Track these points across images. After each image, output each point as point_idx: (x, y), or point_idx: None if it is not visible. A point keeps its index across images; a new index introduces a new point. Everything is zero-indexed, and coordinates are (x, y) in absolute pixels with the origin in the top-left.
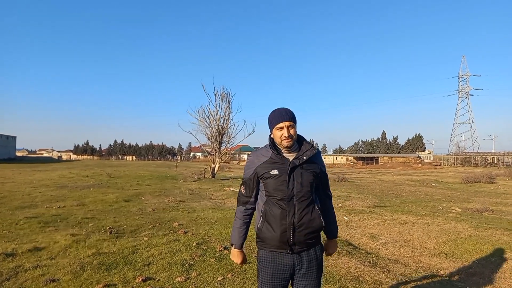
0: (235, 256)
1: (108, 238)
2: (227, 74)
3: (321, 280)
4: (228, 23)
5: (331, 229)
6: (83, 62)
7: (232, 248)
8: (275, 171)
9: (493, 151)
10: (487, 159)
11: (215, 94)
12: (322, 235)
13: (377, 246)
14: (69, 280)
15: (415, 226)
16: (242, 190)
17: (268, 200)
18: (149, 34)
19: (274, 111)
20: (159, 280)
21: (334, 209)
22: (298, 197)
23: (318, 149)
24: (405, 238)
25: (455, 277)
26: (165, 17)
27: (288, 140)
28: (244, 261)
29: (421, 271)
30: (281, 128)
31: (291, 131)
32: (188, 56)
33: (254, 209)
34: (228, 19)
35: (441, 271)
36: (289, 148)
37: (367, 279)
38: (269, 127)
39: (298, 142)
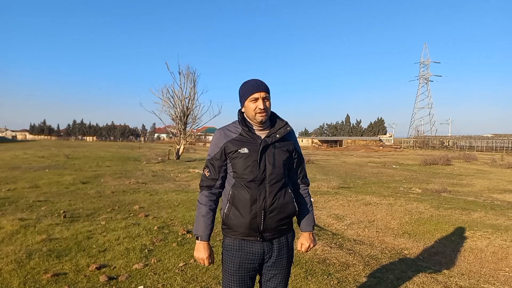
0: (200, 250)
1: (62, 222)
2: (193, 53)
3: (291, 269)
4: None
5: (307, 219)
6: (40, 36)
7: (197, 241)
8: (245, 150)
9: (449, 135)
10: (444, 143)
11: (179, 73)
12: (294, 221)
13: (343, 227)
14: (12, 270)
15: (378, 207)
16: (206, 173)
17: (236, 183)
18: (111, 8)
19: (247, 82)
20: (115, 267)
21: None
22: (269, 179)
23: (291, 127)
24: (370, 219)
25: (419, 256)
26: None
27: (263, 114)
28: (211, 257)
29: (386, 251)
30: (256, 99)
31: (266, 104)
32: (151, 33)
33: (220, 194)
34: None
35: (405, 251)
36: (262, 124)
37: (334, 261)
38: (241, 100)
39: (271, 119)
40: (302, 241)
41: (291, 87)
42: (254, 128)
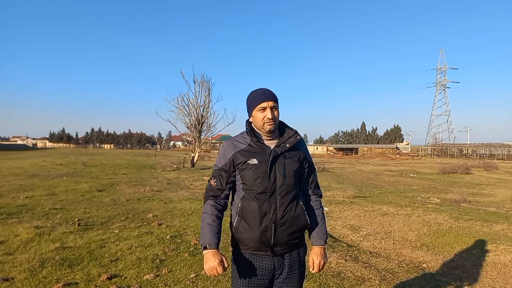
0: (210, 259)
1: (76, 230)
2: (207, 62)
3: (303, 286)
4: (208, 11)
5: (318, 232)
6: (60, 48)
7: (205, 251)
8: (254, 161)
9: (468, 142)
10: (462, 150)
11: (194, 82)
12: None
13: (358, 238)
14: (25, 279)
15: (395, 217)
16: (213, 183)
17: (246, 195)
18: (128, 20)
19: (254, 91)
20: (126, 277)
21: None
22: (280, 190)
23: (301, 136)
24: (386, 230)
25: (438, 271)
26: (144, 5)
27: (271, 123)
28: (223, 263)
29: (403, 265)
30: (264, 108)
31: (275, 113)
32: (167, 42)
33: (226, 205)
34: (208, 6)
35: (424, 265)
36: (271, 133)
37: (349, 275)
38: (248, 110)
39: (280, 128)
40: (313, 257)
41: (306, 94)
42: (263, 138)
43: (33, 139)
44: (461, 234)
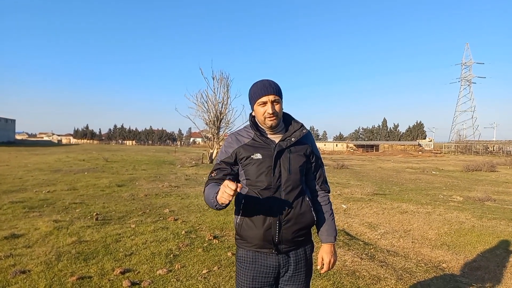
0: (225, 185)
1: (93, 225)
2: (226, 58)
3: (310, 284)
4: (227, 5)
5: (327, 229)
6: (83, 47)
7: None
8: (258, 156)
9: (494, 139)
10: (488, 148)
11: (213, 78)
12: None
13: (376, 236)
14: (41, 271)
15: (415, 216)
16: (213, 174)
17: (250, 191)
18: (147, 18)
19: (255, 84)
20: (139, 272)
21: (332, 203)
22: (285, 186)
23: (308, 129)
24: (405, 228)
25: (459, 271)
26: (164, 2)
27: (272, 118)
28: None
29: (422, 264)
30: (264, 103)
31: (276, 107)
32: (187, 39)
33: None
34: (227, 1)
35: (443, 264)
36: (273, 128)
37: (364, 274)
38: (250, 103)
39: (285, 121)
40: (323, 255)
41: (326, 90)
42: (266, 132)
43: (58, 135)
44: (484, 234)
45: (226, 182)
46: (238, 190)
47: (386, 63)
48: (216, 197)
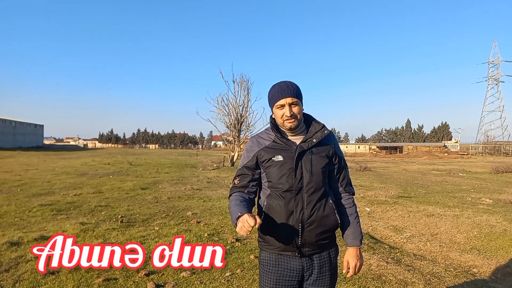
0: (244, 220)
1: (118, 227)
2: (246, 60)
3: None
4: (248, 7)
5: (353, 232)
6: (107, 52)
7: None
8: (279, 157)
9: None
10: None
11: (233, 82)
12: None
13: (402, 240)
14: (69, 273)
15: (442, 219)
16: (236, 182)
17: (272, 193)
18: (169, 20)
19: (273, 86)
20: (163, 274)
21: (357, 207)
22: (307, 188)
23: (330, 130)
24: (432, 232)
25: (491, 276)
26: (185, 4)
27: (291, 120)
28: (254, 217)
29: (451, 269)
30: (282, 106)
31: (295, 109)
32: (207, 43)
33: (252, 199)
34: (248, 3)
35: (474, 269)
36: (293, 130)
37: (391, 278)
38: (270, 106)
39: (306, 122)
40: (348, 259)
41: (347, 90)
42: (287, 134)
43: (84, 140)
44: None
45: (245, 217)
46: (257, 226)
47: (410, 62)
48: (236, 223)
